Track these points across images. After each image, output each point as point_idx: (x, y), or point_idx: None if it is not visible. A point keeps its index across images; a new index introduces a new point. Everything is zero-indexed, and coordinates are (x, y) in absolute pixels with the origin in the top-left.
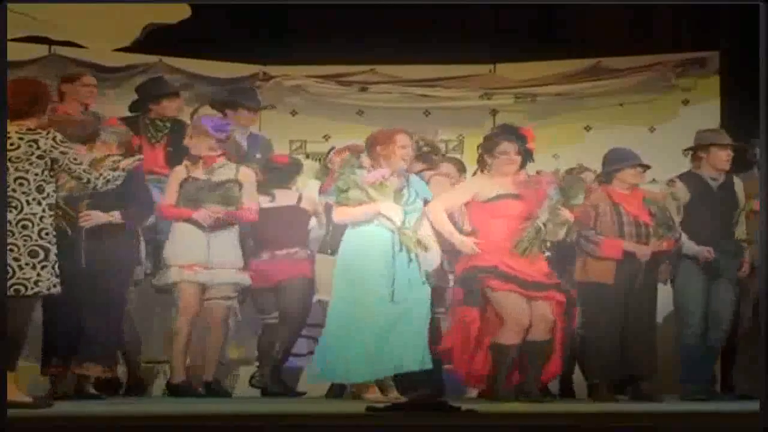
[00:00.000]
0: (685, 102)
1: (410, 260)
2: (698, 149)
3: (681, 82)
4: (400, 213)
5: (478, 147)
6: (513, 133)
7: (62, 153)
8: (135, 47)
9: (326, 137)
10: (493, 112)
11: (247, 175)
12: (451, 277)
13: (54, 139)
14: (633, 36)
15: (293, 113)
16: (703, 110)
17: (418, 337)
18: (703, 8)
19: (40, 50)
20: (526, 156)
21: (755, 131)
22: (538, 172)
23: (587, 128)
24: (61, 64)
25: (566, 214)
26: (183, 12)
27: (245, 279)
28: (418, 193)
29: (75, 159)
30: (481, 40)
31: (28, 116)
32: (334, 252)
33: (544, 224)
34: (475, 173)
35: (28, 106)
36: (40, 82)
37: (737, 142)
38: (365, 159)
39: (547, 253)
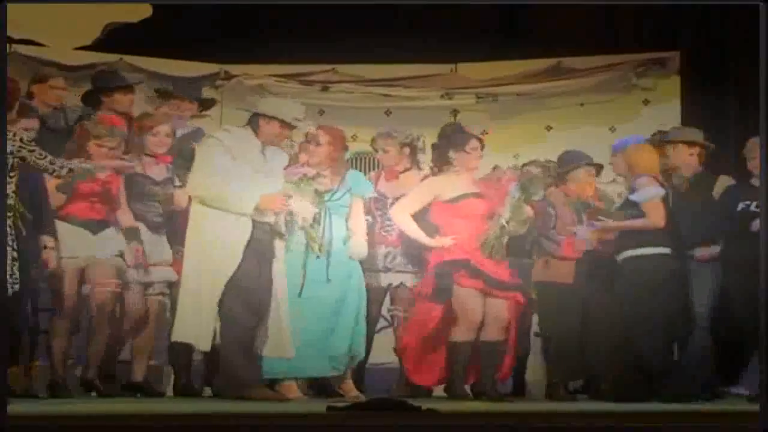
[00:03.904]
0: (646, 102)
1: (317, 258)
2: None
3: (641, 82)
4: (309, 212)
5: (434, 145)
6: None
7: (30, 152)
8: (96, 46)
9: None
10: (455, 112)
11: None
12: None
13: (21, 140)
14: (594, 36)
15: None
16: (664, 110)
17: (332, 336)
18: (665, 8)
19: None
20: None
21: (715, 131)
22: (494, 168)
23: (548, 128)
24: (21, 63)
25: (527, 211)
26: (144, 11)
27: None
28: (351, 189)
29: (41, 155)
30: (443, 39)
31: None
32: None
33: (507, 222)
34: (434, 173)
35: None
36: (11, 78)
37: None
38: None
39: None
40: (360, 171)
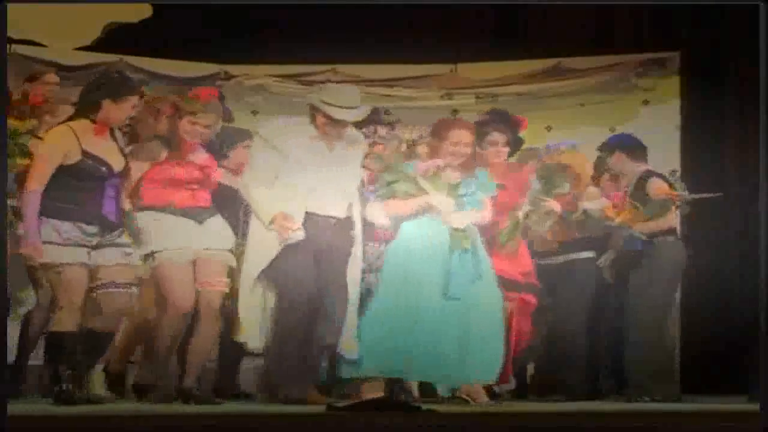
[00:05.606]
0: (646, 102)
1: (466, 254)
2: None
3: (641, 83)
4: (451, 206)
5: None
6: (505, 121)
7: None
8: (96, 46)
9: None
10: (454, 112)
11: None
12: None
13: None
14: (593, 36)
15: (254, 113)
16: (664, 111)
17: (486, 343)
18: (665, 8)
19: None
20: (515, 145)
21: (714, 131)
22: (522, 152)
23: (548, 128)
24: (20, 63)
25: (552, 205)
26: (144, 11)
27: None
28: (480, 187)
29: None
30: (443, 39)
31: None
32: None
33: (527, 215)
34: None
35: None
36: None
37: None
38: (422, 147)
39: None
40: None
